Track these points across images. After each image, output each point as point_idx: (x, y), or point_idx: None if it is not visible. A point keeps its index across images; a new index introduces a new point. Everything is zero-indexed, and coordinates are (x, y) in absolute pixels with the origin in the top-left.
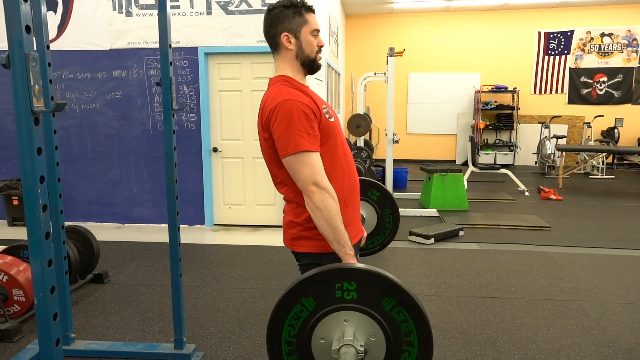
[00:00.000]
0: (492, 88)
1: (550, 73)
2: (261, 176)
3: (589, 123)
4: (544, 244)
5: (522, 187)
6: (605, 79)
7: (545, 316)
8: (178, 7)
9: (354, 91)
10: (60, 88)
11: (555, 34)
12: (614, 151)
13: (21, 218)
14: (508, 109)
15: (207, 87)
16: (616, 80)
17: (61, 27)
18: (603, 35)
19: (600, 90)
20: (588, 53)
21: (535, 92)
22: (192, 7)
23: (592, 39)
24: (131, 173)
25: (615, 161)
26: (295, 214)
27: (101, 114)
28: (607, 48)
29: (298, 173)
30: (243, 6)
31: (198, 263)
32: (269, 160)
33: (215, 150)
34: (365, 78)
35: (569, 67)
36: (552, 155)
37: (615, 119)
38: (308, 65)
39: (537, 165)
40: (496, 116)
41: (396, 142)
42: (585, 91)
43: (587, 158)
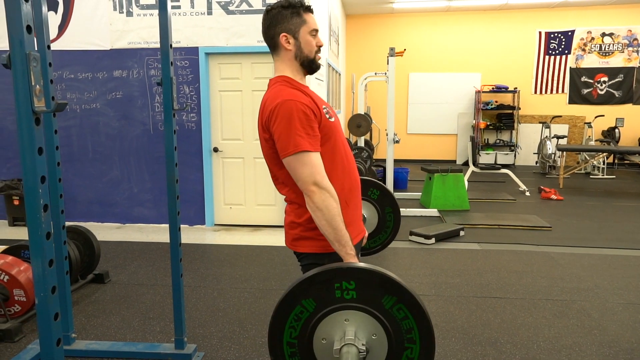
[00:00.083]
0: (493, 88)
1: (550, 73)
2: (262, 176)
3: (590, 123)
4: (545, 244)
5: (523, 187)
6: (606, 79)
7: (546, 316)
8: (179, 7)
9: (355, 91)
10: (61, 88)
11: (555, 34)
12: (615, 151)
13: (22, 218)
14: (509, 109)
15: (208, 87)
16: (617, 80)
17: (62, 27)
18: (604, 35)
19: (601, 90)
20: (589, 53)
21: (535, 92)
22: (193, 7)
23: (593, 39)
24: (132, 173)
25: (616, 161)
26: (296, 215)
27: (102, 114)
28: (608, 48)
29: (298, 173)
30: (244, 6)
31: (199, 263)
32: (270, 160)
33: (215, 150)
34: (365, 78)
35: (570, 67)
36: (553, 155)
37: (616, 119)
38: (307, 65)
39: (538, 165)
40: (497, 116)
41: (397, 142)
42: (585, 91)
43: (588, 158)
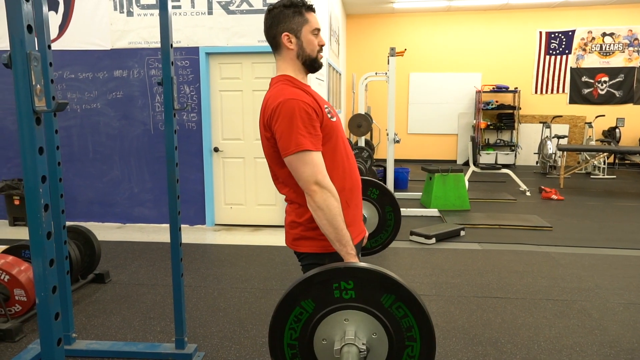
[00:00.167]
0: (493, 88)
1: (551, 73)
2: (262, 176)
3: (590, 123)
4: (546, 244)
5: (524, 187)
6: (606, 79)
7: (546, 316)
8: (179, 7)
9: (355, 91)
10: (61, 88)
11: (556, 34)
12: (616, 151)
13: (22, 218)
14: (509, 109)
15: (208, 87)
16: (617, 80)
17: (62, 27)
18: (604, 35)
19: (601, 90)
20: (589, 53)
21: (536, 92)
22: (193, 7)
23: (594, 39)
24: (132, 173)
25: (616, 161)
26: (297, 214)
27: (102, 114)
28: (609, 48)
29: (300, 172)
30: (244, 6)
31: (199, 263)
32: (271, 159)
33: (216, 150)
34: (366, 78)
35: (570, 67)
36: (554, 155)
37: (616, 119)
38: (309, 64)
39: (539, 165)
40: (497, 116)
41: (397, 142)
42: (586, 91)
43: (589, 158)
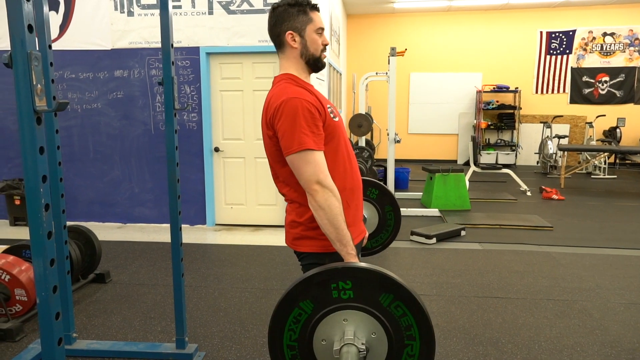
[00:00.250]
0: (494, 88)
1: (552, 73)
2: (263, 176)
3: (591, 123)
4: (546, 244)
5: (524, 187)
6: (607, 79)
7: (547, 316)
8: (180, 7)
9: (356, 91)
10: (62, 88)
11: (557, 34)
12: (616, 151)
13: (23, 218)
14: (510, 109)
15: (209, 87)
16: (618, 79)
17: (63, 27)
18: (605, 34)
19: (602, 89)
20: (590, 53)
21: (537, 92)
22: (194, 7)
23: (594, 39)
24: (133, 173)
25: (617, 161)
26: (297, 214)
27: (103, 114)
28: (609, 48)
29: (301, 171)
30: (245, 6)
31: (200, 263)
32: (272, 158)
33: (216, 150)
34: (366, 78)
35: (571, 67)
36: (554, 155)
37: (617, 119)
38: (313, 63)
39: (539, 165)
40: (498, 116)
41: (398, 142)
42: (587, 91)
43: (589, 158)
